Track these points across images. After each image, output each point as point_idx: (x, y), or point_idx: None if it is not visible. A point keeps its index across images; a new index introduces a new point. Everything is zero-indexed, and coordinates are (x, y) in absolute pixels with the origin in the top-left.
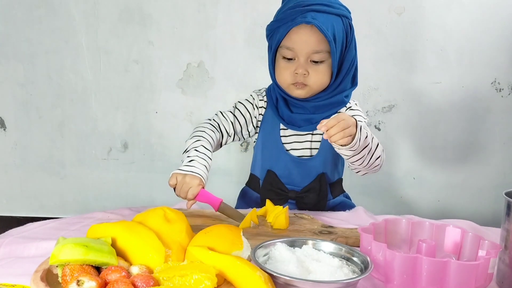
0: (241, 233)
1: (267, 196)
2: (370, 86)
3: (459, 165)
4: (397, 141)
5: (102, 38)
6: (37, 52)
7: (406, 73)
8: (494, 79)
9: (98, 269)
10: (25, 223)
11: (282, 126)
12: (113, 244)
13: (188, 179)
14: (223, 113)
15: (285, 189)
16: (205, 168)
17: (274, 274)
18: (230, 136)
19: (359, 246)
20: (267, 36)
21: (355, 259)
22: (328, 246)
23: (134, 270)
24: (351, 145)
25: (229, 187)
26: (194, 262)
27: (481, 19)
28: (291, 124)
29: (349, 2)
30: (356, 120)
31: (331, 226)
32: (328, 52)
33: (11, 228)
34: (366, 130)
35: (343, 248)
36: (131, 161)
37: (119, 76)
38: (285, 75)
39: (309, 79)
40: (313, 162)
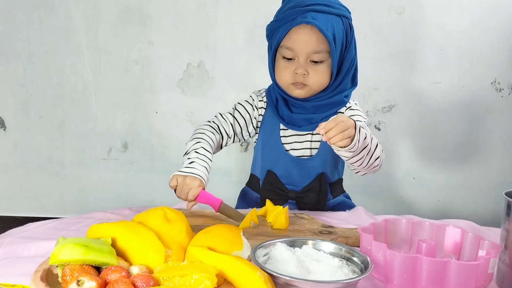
0: (241, 233)
1: (267, 196)
2: (370, 86)
3: (459, 165)
4: (397, 141)
5: (102, 38)
6: (37, 52)
7: (406, 73)
8: (494, 79)
9: (98, 269)
10: (25, 223)
11: (282, 126)
12: (113, 244)
13: (189, 180)
14: (223, 114)
15: (285, 189)
16: (205, 169)
17: (274, 274)
18: (230, 138)
19: (359, 246)
20: (267, 36)
21: (355, 259)
22: (328, 246)
23: (134, 270)
24: (350, 147)
25: (229, 187)
26: (194, 262)
27: (481, 19)
28: (291, 124)
29: (349, 2)
30: (355, 122)
31: (331, 226)
32: (328, 52)
33: (11, 228)
34: (365, 131)
35: (343, 248)
36: (131, 161)
37: (119, 76)
38: (285, 75)
39: (309, 79)
40: (313, 162)
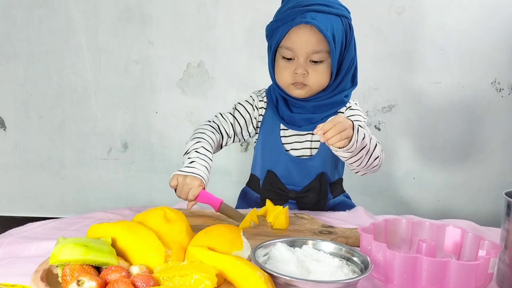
0: (241, 233)
1: (267, 196)
2: (370, 86)
3: (459, 165)
4: (397, 141)
5: (102, 38)
6: (37, 52)
7: (406, 73)
8: (494, 79)
9: (98, 269)
10: (25, 223)
11: (282, 127)
12: (113, 244)
13: (189, 180)
14: (223, 114)
15: (285, 189)
16: (205, 169)
17: (274, 274)
18: (230, 138)
19: (359, 246)
20: (267, 36)
21: (355, 259)
22: (328, 246)
23: (134, 270)
24: (348, 147)
25: (229, 187)
26: (194, 262)
27: (481, 19)
28: (292, 124)
29: (349, 2)
30: (353, 122)
31: (331, 226)
32: (328, 52)
33: (11, 228)
34: (364, 131)
35: (343, 248)
36: (131, 161)
37: (119, 76)
38: (284, 75)
39: (309, 79)
40: (312, 161)
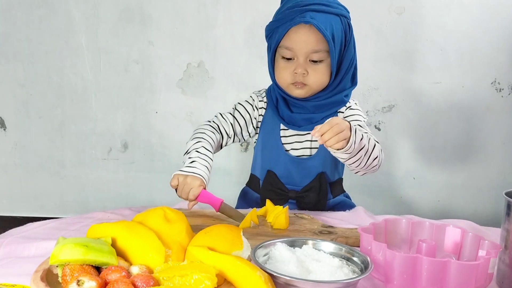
0: (241, 233)
1: (267, 196)
2: (370, 86)
3: (459, 165)
4: (397, 141)
5: (102, 38)
6: (37, 52)
7: (406, 73)
8: (494, 79)
9: (98, 269)
10: (25, 223)
11: (282, 127)
12: (113, 244)
13: (190, 180)
14: (223, 114)
15: (285, 189)
16: (206, 168)
17: (274, 274)
18: (230, 138)
19: (359, 246)
20: (266, 36)
21: (355, 259)
22: (328, 246)
23: (134, 270)
24: (346, 149)
25: (229, 187)
26: (194, 262)
27: (481, 19)
28: (292, 124)
29: (349, 2)
30: (350, 123)
31: (331, 226)
32: (327, 51)
33: (11, 228)
34: (362, 132)
35: (343, 248)
36: (131, 161)
37: (119, 76)
38: (284, 75)
39: (309, 78)
40: (312, 161)
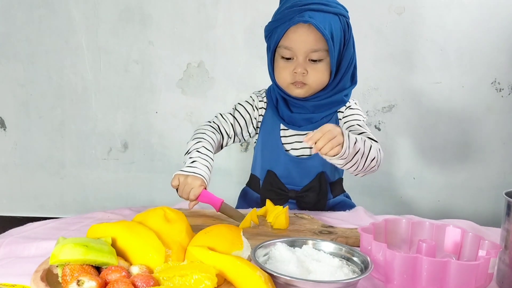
0: (241, 233)
1: (267, 196)
2: (370, 86)
3: (459, 165)
4: (397, 141)
5: (102, 38)
6: (37, 52)
7: (406, 73)
8: (494, 79)
9: (98, 269)
10: (25, 223)
11: (282, 127)
12: (113, 244)
13: (190, 180)
14: (223, 115)
15: (285, 189)
16: (207, 168)
17: (274, 274)
18: (230, 138)
19: (359, 246)
20: (266, 36)
21: (355, 259)
22: (328, 246)
23: (134, 270)
24: (341, 154)
25: (230, 187)
26: (194, 262)
27: (481, 19)
28: (292, 124)
29: (349, 2)
30: (341, 128)
31: (331, 226)
32: (326, 50)
33: (11, 228)
34: (356, 136)
35: (343, 248)
36: (131, 161)
37: (119, 76)
38: (284, 75)
39: (308, 78)
40: (312, 161)
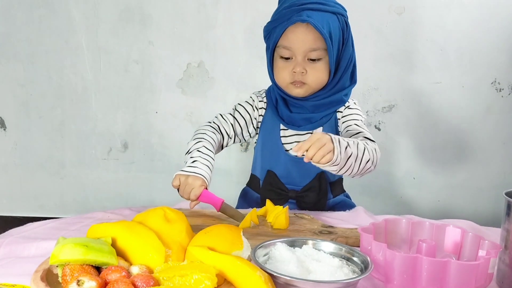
0: (241, 233)
1: (267, 196)
2: (370, 86)
3: (459, 165)
4: (397, 141)
5: (102, 38)
6: (37, 52)
7: (406, 73)
8: (494, 79)
9: (98, 269)
10: (25, 223)
11: (282, 127)
12: (113, 244)
13: (191, 180)
14: (223, 115)
15: (285, 189)
16: (207, 168)
17: (274, 274)
18: (230, 138)
19: (359, 246)
20: (265, 37)
21: (355, 259)
22: (328, 246)
23: (134, 270)
24: (333, 160)
25: (230, 187)
26: (194, 262)
27: (481, 19)
28: (291, 124)
29: (349, 2)
30: (331, 135)
31: (331, 226)
32: (325, 49)
33: (11, 228)
34: (347, 140)
35: (343, 248)
36: (131, 161)
37: (119, 76)
38: (283, 75)
39: (307, 77)
40: None
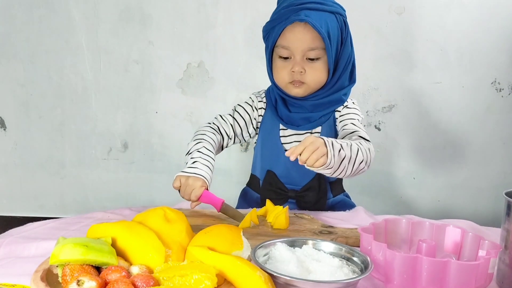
0: (241, 233)
1: (267, 196)
2: (370, 86)
3: (459, 165)
4: (397, 141)
5: (102, 38)
6: (37, 52)
7: (406, 73)
8: (494, 79)
9: (98, 269)
10: (25, 223)
11: (281, 126)
12: (113, 244)
13: (191, 181)
14: (223, 116)
15: (285, 189)
16: (208, 169)
17: (274, 274)
18: (230, 139)
19: (359, 246)
20: (264, 37)
21: (355, 259)
22: (328, 246)
23: (134, 270)
24: (328, 163)
25: (230, 187)
26: (194, 262)
27: (481, 19)
28: (290, 124)
29: (349, 2)
30: (324, 139)
31: (331, 226)
32: (324, 49)
33: (11, 228)
34: (341, 142)
35: (343, 248)
36: (131, 161)
37: (119, 76)
38: (282, 74)
39: (306, 76)
40: None
